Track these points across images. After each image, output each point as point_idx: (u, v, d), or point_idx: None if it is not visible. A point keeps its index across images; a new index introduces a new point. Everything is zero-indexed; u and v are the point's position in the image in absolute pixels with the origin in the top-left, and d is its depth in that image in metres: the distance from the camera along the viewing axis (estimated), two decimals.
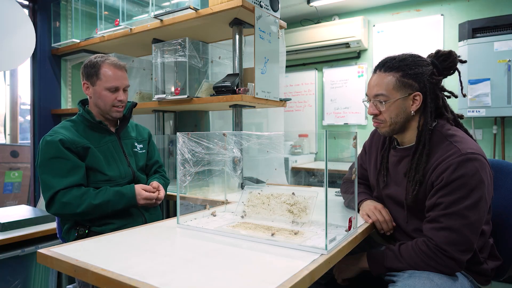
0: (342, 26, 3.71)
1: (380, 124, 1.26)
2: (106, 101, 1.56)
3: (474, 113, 3.01)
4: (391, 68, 1.22)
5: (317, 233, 1.10)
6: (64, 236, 1.53)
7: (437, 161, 1.14)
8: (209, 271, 0.84)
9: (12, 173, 3.02)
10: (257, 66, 1.93)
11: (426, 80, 1.20)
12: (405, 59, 1.23)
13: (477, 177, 1.07)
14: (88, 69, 1.56)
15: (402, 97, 1.20)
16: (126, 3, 2.35)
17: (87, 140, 1.51)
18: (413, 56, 1.25)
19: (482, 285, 1.22)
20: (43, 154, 1.44)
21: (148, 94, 2.55)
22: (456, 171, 1.08)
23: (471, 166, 1.07)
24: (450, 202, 1.08)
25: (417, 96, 1.20)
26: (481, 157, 1.10)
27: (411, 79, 1.20)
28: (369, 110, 1.27)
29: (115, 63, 1.57)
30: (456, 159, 1.09)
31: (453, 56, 1.24)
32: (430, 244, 1.10)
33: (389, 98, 1.21)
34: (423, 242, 1.12)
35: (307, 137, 4.08)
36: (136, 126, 1.80)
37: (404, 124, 1.24)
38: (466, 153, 1.09)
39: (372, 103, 1.26)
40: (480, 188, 1.07)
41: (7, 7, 2.44)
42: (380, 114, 1.24)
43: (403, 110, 1.21)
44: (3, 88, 3.24)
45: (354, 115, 3.94)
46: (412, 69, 1.20)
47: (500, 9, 3.16)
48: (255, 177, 2.20)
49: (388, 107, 1.22)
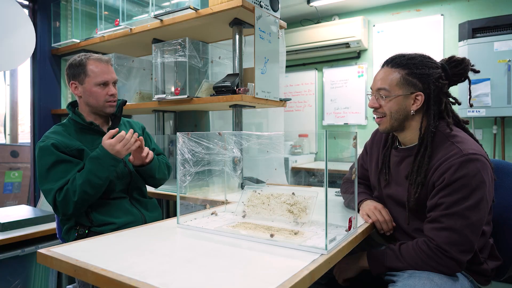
0: (342, 26, 3.71)
1: (381, 119, 1.27)
2: (98, 97, 1.54)
3: (474, 113, 3.01)
4: (398, 64, 1.23)
5: (317, 233, 1.10)
6: (64, 236, 1.52)
7: (438, 161, 1.14)
8: (209, 271, 0.84)
9: (12, 173, 3.02)
10: (257, 66, 1.93)
11: (431, 82, 1.20)
12: (414, 58, 1.23)
13: (478, 178, 1.07)
14: (74, 69, 1.54)
15: (404, 95, 1.21)
16: (126, 3, 2.35)
17: (80, 143, 1.50)
18: (423, 57, 1.24)
19: (482, 285, 1.22)
20: (40, 166, 1.44)
21: (148, 94, 2.55)
22: (457, 172, 1.08)
23: (473, 167, 1.07)
24: (451, 203, 1.08)
25: (419, 96, 1.20)
26: (483, 158, 1.10)
27: (415, 79, 1.20)
28: (369, 103, 1.29)
29: (100, 58, 1.56)
30: (458, 159, 1.09)
31: (465, 63, 1.24)
32: (431, 244, 1.10)
33: (390, 93, 1.22)
34: (424, 242, 1.12)
35: (307, 137, 4.08)
36: (128, 123, 1.77)
37: (403, 122, 1.24)
38: (468, 153, 1.09)
39: (374, 96, 1.27)
40: (481, 188, 1.07)
41: (7, 7, 2.44)
42: (380, 107, 1.25)
43: (403, 107, 1.22)
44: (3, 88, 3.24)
45: (354, 115, 3.94)
46: (419, 69, 1.20)
47: (500, 9, 3.16)
48: (255, 177, 2.20)
49: (388, 101, 1.23)
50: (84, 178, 1.39)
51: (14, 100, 3.31)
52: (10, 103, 3.31)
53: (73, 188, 1.39)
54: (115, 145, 1.41)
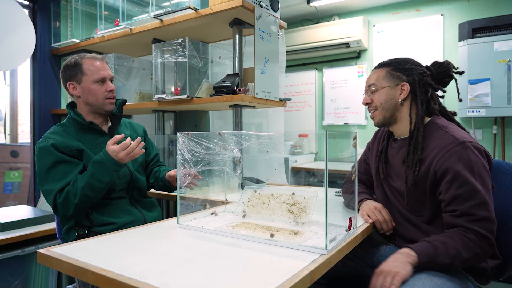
0: (342, 26, 3.71)
1: (374, 113, 1.39)
2: (97, 94, 1.54)
3: (474, 113, 3.01)
4: (383, 64, 1.40)
5: (317, 233, 1.10)
6: (64, 237, 1.52)
7: (436, 148, 1.22)
8: (209, 271, 0.84)
9: (12, 173, 3.02)
10: (257, 66, 1.93)
11: (415, 75, 1.32)
12: (398, 59, 1.39)
13: (479, 163, 1.16)
14: (70, 70, 1.55)
15: (390, 86, 1.34)
16: (126, 3, 2.35)
17: (80, 143, 1.50)
18: (408, 58, 1.39)
19: (482, 285, 1.22)
20: (40, 166, 1.44)
21: (148, 94, 2.55)
22: (460, 160, 1.15)
23: (472, 154, 1.16)
24: (470, 192, 1.13)
25: (405, 86, 1.33)
26: (478, 145, 1.20)
27: (399, 72, 1.34)
28: (363, 100, 1.42)
29: (94, 56, 1.58)
30: (457, 147, 1.17)
31: (446, 63, 1.38)
32: (478, 235, 1.11)
33: (378, 86, 1.36)
34: (467, 232, 1.12)
35: (307, 137, 4.08)
36: (130, 124, 1.78)
37: (394, 113, 1.35)
38: (464, 141, 1.18)
39: (367, 94, 1.41)
40: (484, 174, 1.16)
41: (7, 7, 2.44)
42: (372, 102, 1.39)
43: (391, 97, 1.34)
44: (3, 88, 3.24)
45: (354, 115, 3.94)
46: (402, 65, 1.35)
47: (500, 9, 3.15)
48: (255, 177, 2.20)
49: (378, 94, 1.36)
50: (86, 182, 1.39)
51: (14, 100, 3.31)
52: (10, 103, 3.31)
53: (74, 190, 1.39)
54: (118, 152, 1.40)
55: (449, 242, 1.11)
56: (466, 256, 1.10)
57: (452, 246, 1.10)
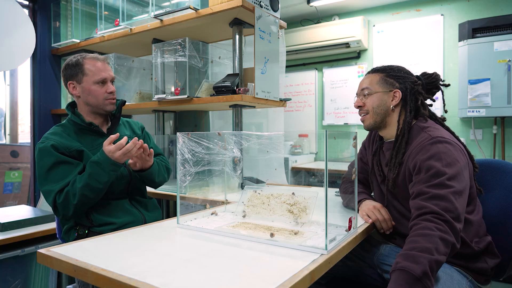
0: (342, 26, 3.71)
1: (365, 116, 1.41)
2: (97, 95, 1.54)
3: (474, 113, 3.01)
4: (377, 70, 1.43)
5: (317, 233, 1.10)
6: (64, 237, 1.52)
7: (412, 147, 1.27)
8: (209, 271, 0.84)
9: (12, 173, 3.02)
10: (257, 66, 1.93)
11: (407, 83, 1.36)
12: (391, 66, 1.43)
13: (450, 155, 1.15)
14: (71, 69, 1.54)
15: (383, 91, 1.37)
16: (126, 3, 2.35)
17: (79, 143, 1.49)
18: (400, 66, 1.43)
19: (482, 285, 1.22)
20: (40, 167, 1.43)
21: (148, 94, 2.55)
22: (429, 152, 1.17)
23: (442, 147, 1.17)
24: (431, 176, 1.13)
25: (397, 93, 1.36)
26: (454, 142, 1.20)
27: (392, 79, 1.37)
28: (355, 103, 1.45)
29: (96, 57, 1.57)
30: (427, 142, 1.20)
31: (435, 75, 1.42)
32: (426, 215, 1.05)
33: (372, 90, 1.39)
34: (417, 219, 1.07)
35: (307, 137, 4.08)
36: (128, 123, 1.77)
37: (384, 117, 1.38)
38: (436, 136, 1.20)
39: (359, 98, 1.43)
40: (455, 164, 1.14)
41: (7, 7, 2.44)
42: (364, 105, 1.41)
43: (383, 103, 1.37)
44: (3, 88, 3.24)
45: (354, 115, 3.94)
46: (395, 72, 1.39)
47: (500, 9, 3.16)
48: (255, 177, 2.20)
49: (370, 98, 1.39)
50: (84, 182, 1.39)
51: (14, 100, 3.31)
52: (10, 103, 3.31)
53: (73, 190, 1.39)
54: (114, 152, 1.40)
55: (417, 246, 0.99)
56: (428, 246, 0.98)
57: (423, 247, 0.98)
